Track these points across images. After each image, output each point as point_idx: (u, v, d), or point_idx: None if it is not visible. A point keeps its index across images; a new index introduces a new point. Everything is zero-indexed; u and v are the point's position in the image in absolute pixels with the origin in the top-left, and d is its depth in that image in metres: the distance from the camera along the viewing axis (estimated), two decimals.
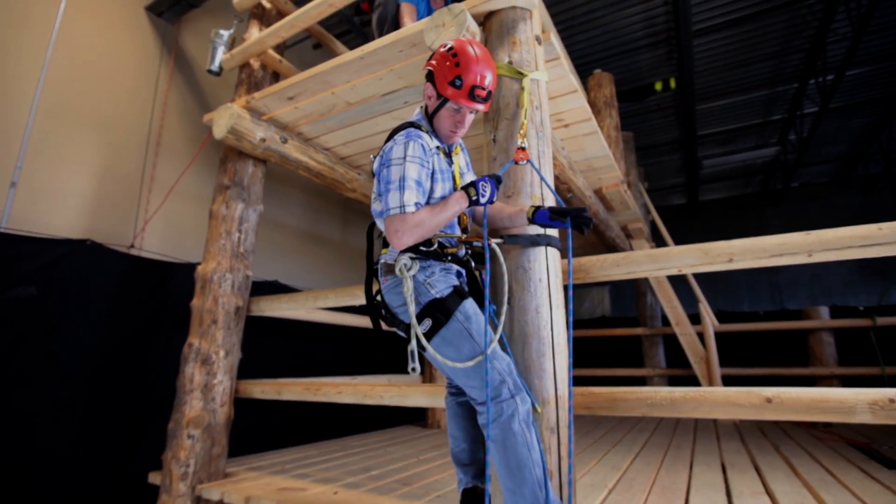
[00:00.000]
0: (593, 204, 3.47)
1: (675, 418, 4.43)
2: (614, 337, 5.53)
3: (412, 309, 1.24)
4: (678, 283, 4.80)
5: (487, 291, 1.30)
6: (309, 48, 4.92)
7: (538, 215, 1.32)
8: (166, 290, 2.93)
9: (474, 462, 1.49)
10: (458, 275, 1.36)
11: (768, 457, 2.64)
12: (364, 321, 3.36)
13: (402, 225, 1.20)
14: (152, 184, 3.18)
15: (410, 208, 1.20)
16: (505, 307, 1.36)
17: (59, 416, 2.41)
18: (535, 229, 1.47)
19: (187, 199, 3.39)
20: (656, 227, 5.35)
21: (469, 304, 1.28)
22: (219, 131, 2.34)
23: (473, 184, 1.29)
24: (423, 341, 1.23)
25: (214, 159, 3.60)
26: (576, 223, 1.27)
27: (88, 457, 2.49)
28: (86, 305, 2.55)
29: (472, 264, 1.37)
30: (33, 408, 2.32)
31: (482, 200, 1.28)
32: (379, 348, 1.47)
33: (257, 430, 3.16)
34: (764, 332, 4.85)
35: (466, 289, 1.34)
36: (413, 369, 1.26)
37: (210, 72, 2.82)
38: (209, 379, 2.25)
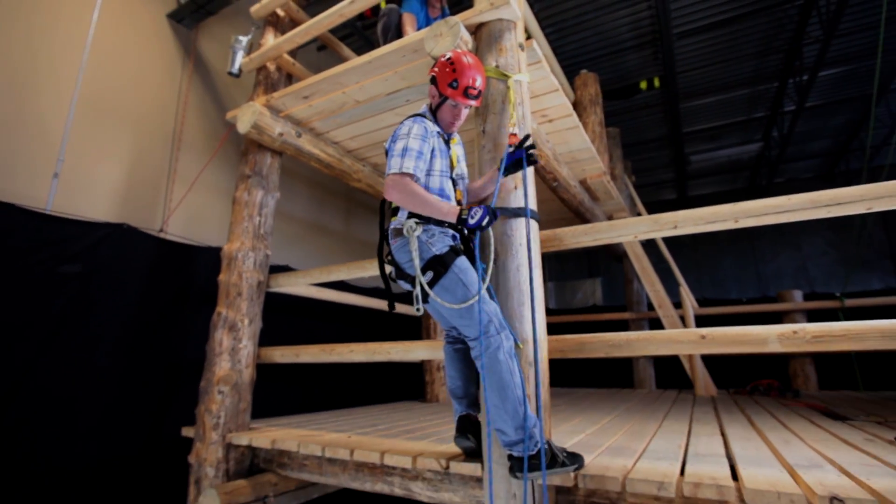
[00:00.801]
0: (578, 193, 3.78)
1: (656, 393, 4.76)
2: (604, 321, 5.85)
3: (417, 263, 1.55)
4: (665, 274, 5.14)
5: (478, 252, 1.62)
6: (313, 50, 5.23)
7: (505, 160, 1.68)
8: (190, 269, 3.25)
9: (466, 395, 1.81)
10: (454, 237, 1.67)
11: (733, 416, 2.96)
12: (365, 301, 3.67)
13: (399, 182, 1.53)
14: (175, 175, 3.49)
15: (406, 170, 1.52)
16: (491, 265, 1.68)
17: (100, 381, 2.72)
18: (518, 202, 1.78)
19: (206, 190, 3.70)
20: None
21: (462, 260, 1.59)
22: (243, 126, 2.65)
23: (470, 207, 1.53)
24: (427, 289, 1.55)
25: (229, 155, 3.92)
26: (527, 151, 1.66)
27: (125, 418, 2.80)
28: (122, 282, 2.86)
29: (465, 230, 1.69)
30: (79, 373, 2.63)
31: (470, 222, 1.50)
32: (389, 302, 1.78)
33: (272, 401, 3.47)
34: (742, 314, 5.16)
35: (461, 248, 1.65)
36: (417, 309, 1.58)
37: (230, 74, 3.13)
38: (235, 343, 2.56)
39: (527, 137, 1.70)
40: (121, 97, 3.29)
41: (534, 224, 1.81)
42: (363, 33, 5.16)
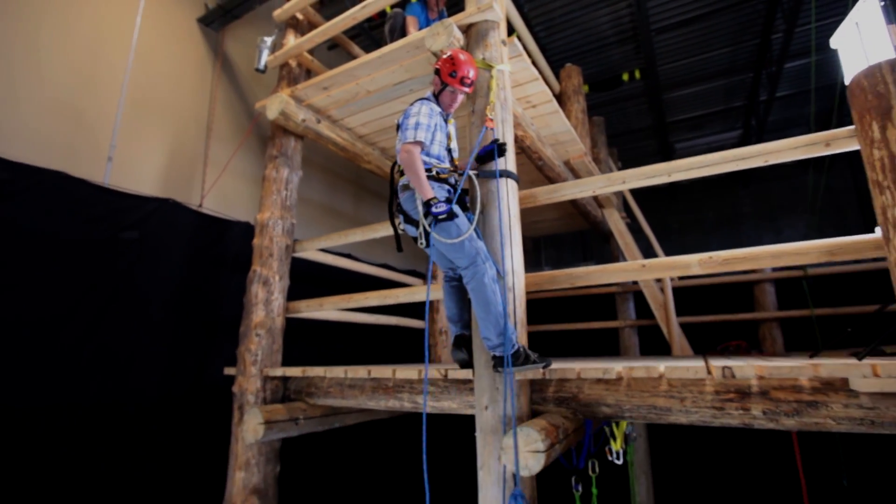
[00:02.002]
0: (563, 173, 4.25)
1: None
2: (592, 295, 6.33)
3: (421, 209, 2.03)
4: (649, 253, 5.61)
5: (468, 202, 2.10)
6: (324, 49, 5.70)
7: (476, 149, 2.20)
8: (224, 240, 3.74)
9: (460, 319, 2.30)
10: (448, 191, 2.15)
11: None
12: (373, 270, 4.15)
13: (410, 150, 2.01)
14: (208, 160, 3.97)
15: (418, 139, 2.01)
16: (478, 214, 2.16)
17: (154, 332, 3.21)
18: (502, 167, 2.27)
19: (233, 173, 4.18)
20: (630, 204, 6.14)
21: (456, 208, 2.07)
22: (272, 113, 3.13)
23: (439, 202, 1.96)
24: (429, 228, 2.03)
25: (250, 144, 4.40)
26: (499, 148, 2.15)
27: (175, 363, 3.29)
28: (169, 248, 3.36)
29: (458, 186, 2.17)
30: (137, 324, 3.13)
31: (433, 210, 1.94)
32: (398, 244, 2.27)
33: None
34: (717, 285, 5.63)
35: (453, 198, 2.13)
36: (422, 244, 2.06)
37: (257, 70, 3.61)
38: (269, 295, 3.05)
39: (496, 140, 2.20)
40: (161, 92, 3.77)
41: (513, 183, 2.29)
42: (370, 33, 5.63)
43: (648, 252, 5.76)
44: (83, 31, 3.33)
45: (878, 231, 1.67)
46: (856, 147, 1.72)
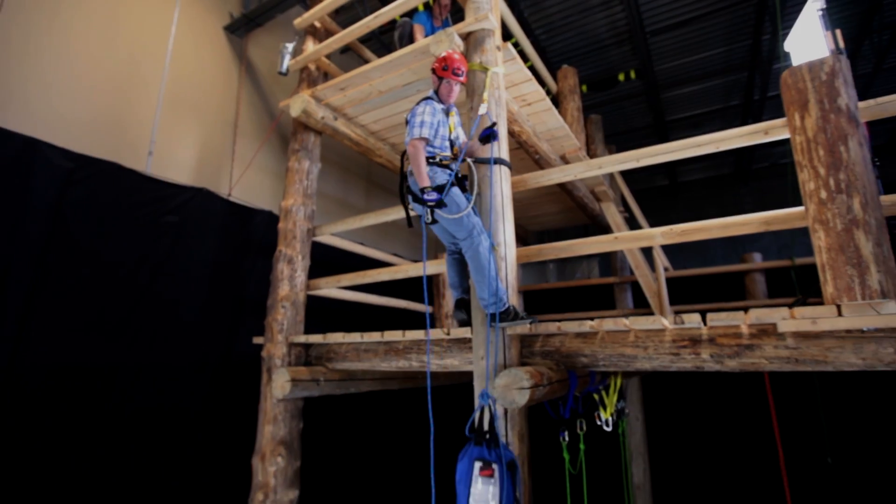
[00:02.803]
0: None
1: None
2: (592, 286, 6.67)
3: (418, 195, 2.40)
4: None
5: (467, 185, 2.46)
6: (337, 52, 6.11)
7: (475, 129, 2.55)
8: (250, 226, 4.15)
9: (460, 285, 2.66)
10: (450, 175, 2.52)
11: None
12: (384, 255, 4.53)
13: (416, 145, 2.37)
14: (235, 155, 4.39)
15: (423, 135, 2.37)
16: (475, 194, 2.52)
17: (191, 306, 3.63)
18: (497, 154, 2.63)
19: (256, 168, 4.60)
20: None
21: (456, 189, 2.44)
22: (294, 111, 3.53)
23: (431, 190, 2.32)
24: (434, 206, 2.40)
25: (271, 141, 4.81)
26: (492, 133, 2.48)
27: (208, 336, 3.70)
28: (203, 232, 3.77)
29: (458, 172, 2.53)
30: (177, 298, 3.54)
31: (425, 197, 2.29)
32: (408, 221, 2.64)
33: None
34: (711, 275, 5.93)
35: (455, 181, 2.50)
36: (427, 220, 2.43)
37: (280, 73, 4.01)
38: (292, 273, 3.44)
39: (494, 123, 2.55)
40: (193, 94, 4.20)
41: (506, 169, 2.66)
42: (379, 37, 6.03)
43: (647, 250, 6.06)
44: (126, 42, 3.76)
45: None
46: (787, 135, 2.05)
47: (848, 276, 1.76)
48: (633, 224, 6.22)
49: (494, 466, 1.84)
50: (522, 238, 7.00)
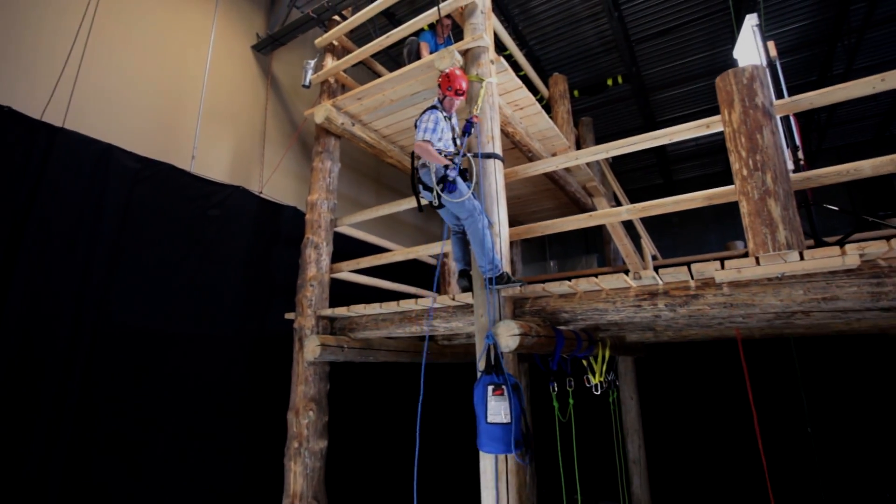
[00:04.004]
0: None
1: None
2: (587, 274, 7.15)
3: (434, 178, 2.94)
4: (633, 234, 6.42)
5: (468, 175, 3.00)
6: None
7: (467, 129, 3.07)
8: (278, 220, 4.72)
9: (463, 258, 3.19)
10: (454, 168, 3.05)
11: None
12: (394, 246, 5.06)
13: (423, 145, 2.90)
14: (264, 159, 4.98)
15: (427, 139, 2.90)
16: (475, 183, 3.06)
17: (229, 287, 4.18)
18: (491, 150, 3.16)
19: (279, 169, 5.18)
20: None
21: (458, 177, 2.97)
22: (318, 118, 4.09)
23: (452, 168, 2.91)
24: (440, 192, 2.93)
25: (293, 147, 5.39)
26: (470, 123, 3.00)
27: (245, 314, 4.25)
28: (241, 225, 4.34)
29: (459, 165, 3.07)
30: (218, 282, 4.10)
31: (448, 173, 2.86)
32: (419, 207, 3.18)
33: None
34: (693, 261, 6.39)
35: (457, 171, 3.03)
36: (434, 204, 2.96)
37: (303, 86, 4.59)
38: (318, 256, 3.99)
39: (471, 119, 3.09)
40: (227, 106, 4.79)
41: (499, 163, 3.19)
42: (387, 51, 6.62)
43: (639, 241, 6.56)
44: (172, 62, 4.36)
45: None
46: (722, 128, 2.57)
47: (763, 234, 2.26)
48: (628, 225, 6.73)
49: (503, 387, 2.36)
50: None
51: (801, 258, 2.14)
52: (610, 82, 6.82)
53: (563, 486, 4.08)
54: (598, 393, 4.15)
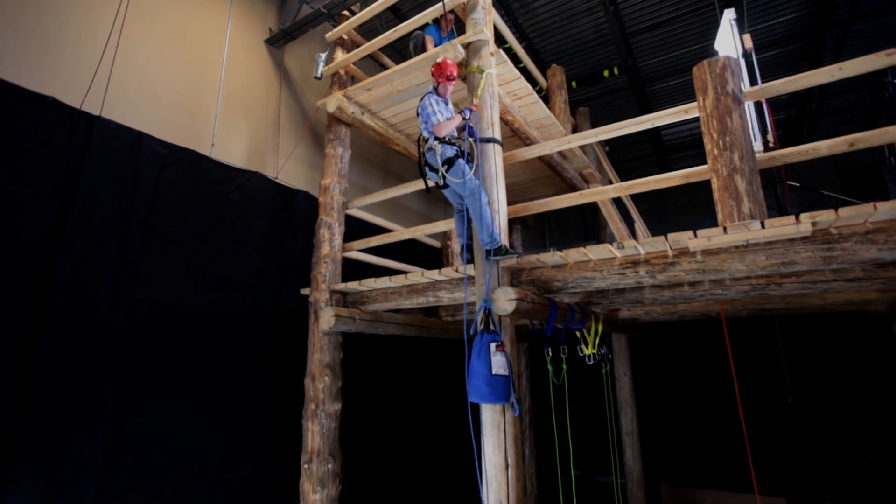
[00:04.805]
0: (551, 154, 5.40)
1: None
2: None
3: (440, 160, 3.24)
4: (629, 221, 6.72)
5: (468, 157, 3.31)
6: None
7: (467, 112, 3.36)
8: (293, 204, 5.03)
9: (464, 234, 3.50)
10: (456, 150, 3.35)
11: None
12: (400, 227, 5.38)
13: (439, 124, 3.21)
14: (278, 147, 5.28)
15: (440, 120, 3.21)
16: (476, 165, 3.36)
17: (249, 265, 4.51)
18: (491, 134, 3.46)
19: (292, 157, 5.48)
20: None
21: (461, 160, 3.28)
22: (331, 108, 4.39)
23: (463, 110, 3.26)
24: (445, 173, 3.24)
25: (305, 138, 5.69)
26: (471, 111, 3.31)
27: (263, 291, 4.58)
28: (258, 208, 4.66)
29: (462, 148, 3.37)
30: (238, 259, 4.42)
31: (466, 116, 3.23)
32: (427, 188, 3.49)
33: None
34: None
35: (460, 155, 3.34)
36: (439, 183, 3.27)
37: (315, 77, 4.89)
38: (331, 236, 4.31)
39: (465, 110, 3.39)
40: (243, 97, 5.09)
41: (498, 147, 3.49)
42: (393, 44, 6.89)
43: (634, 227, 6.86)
44: (193, 56, 4.65)
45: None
46: (698, 114, 2.86)
47: (730, 206, 2.57)
48: (619, 204, 7.02)
49: (505, 344, 2.71)
50: (523, 219, 7.82)
51: (763, 227, 2.45)
52: (606, 74, 7.09)
53: (557, 457, 4.41)
54: (591, 363, 4.49)
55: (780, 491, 6.40)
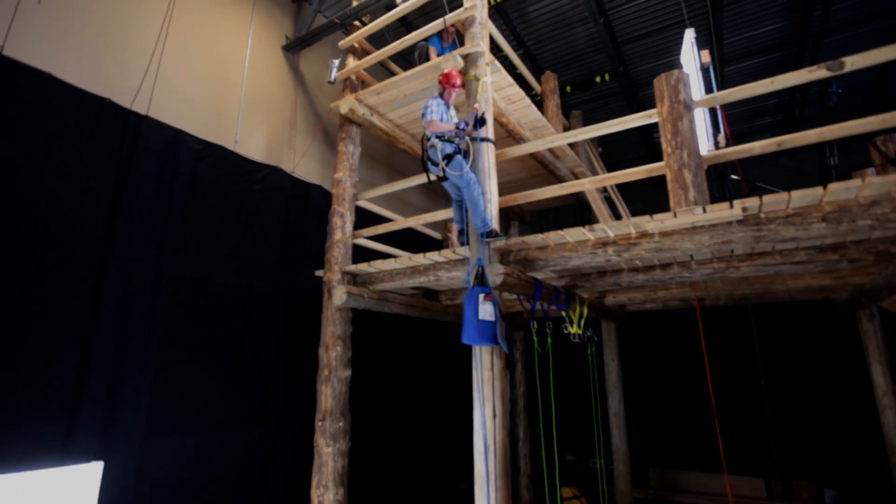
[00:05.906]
0: (543, 151, 5.92)
1: None
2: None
3: (440, 155, 3.77)
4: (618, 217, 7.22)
5: (464, 153, 3.83)
6: None
7: (472, 117, 3.88)
8: (307, 196, 5.57)
9: (461, 221, 4.02)
10: (455, 147, 3.87)
11: None
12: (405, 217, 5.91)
13: (432, 122, 3.74)
14: (294, 145, 5.83)
15: (433, 119, 3.74)
16: (472, 161, 3.88)
17: (269, 251, 5.05)
18: (485, 134, 3.98)
19: (305, 155, 6.02)
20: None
21: (459, 156, 3.80)
22: (343, 109, 4.92)
23: (459, 123, 3.78)
24: (445, 167, 3.76)
25: (318, 137, 6.23)
26: (480, 119, 3.82)
27: (281, 273, 5.12)
28: (277, 198, 5.20)
29: (460, 145, 3.89)
30: (260, 244, 4.96)
31: (462, 126, 3.76)
32: (428, 180, 4.01)
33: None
34: None
35: (459, 151, 3.86)
36: (440, 175, 3.79)
37: (329, 82, 5.42)
38: (343, 224, 4.85)
39: (483, 115, 3.91)
40: (262, 99, 5.63)
41: (491, 145, 4.01)
42: (400, 52, 7.42)
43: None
44: (219, 61, 5.20)
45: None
46: (658, 119, 3.36)
47: (679, 195, 3.08)
48: (610, 202, 7.53)
49: (491, 295, 3.23)
50: (520, 215, 8.33)
51: (704, 211, 2.95)
52: (598, 79, 7.59)
53: (542, 437, 4.91)
54: (577, 342, 4.99)
55: (759, 471, 6.88)
